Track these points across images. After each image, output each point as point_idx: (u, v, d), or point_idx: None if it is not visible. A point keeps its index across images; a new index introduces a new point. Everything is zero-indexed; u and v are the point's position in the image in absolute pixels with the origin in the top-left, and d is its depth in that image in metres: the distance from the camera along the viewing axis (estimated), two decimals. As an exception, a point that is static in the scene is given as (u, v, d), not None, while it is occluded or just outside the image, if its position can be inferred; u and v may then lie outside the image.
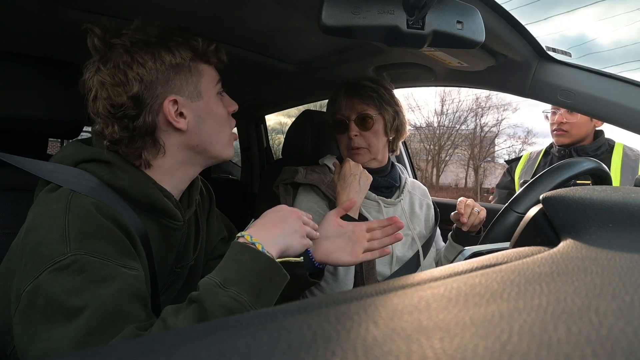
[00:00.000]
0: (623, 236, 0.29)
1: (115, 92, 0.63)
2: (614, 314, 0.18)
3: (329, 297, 0.22)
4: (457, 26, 0.65)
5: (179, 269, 0.75)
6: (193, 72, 0.68)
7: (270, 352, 0.16)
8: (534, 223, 0.37)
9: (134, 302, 0.55)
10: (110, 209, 0.59)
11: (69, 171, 0.63)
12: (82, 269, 0.53)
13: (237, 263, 0.58)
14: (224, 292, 0.55)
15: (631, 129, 0.92)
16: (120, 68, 0.63)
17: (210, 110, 0.71)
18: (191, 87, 0.68)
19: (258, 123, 2.30)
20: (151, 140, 0.67)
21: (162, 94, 0.65)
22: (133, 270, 0.58)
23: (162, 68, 0.65)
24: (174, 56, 0.66)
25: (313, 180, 1.08)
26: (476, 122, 14.33)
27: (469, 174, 14.72)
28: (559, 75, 0.98)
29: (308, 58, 1.33)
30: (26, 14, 0.94)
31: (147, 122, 0.65)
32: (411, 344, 0.16)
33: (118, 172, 0.64)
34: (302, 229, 0.69)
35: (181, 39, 0.67)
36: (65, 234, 0.54)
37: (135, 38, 0.64)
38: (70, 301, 0.51)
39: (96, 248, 0.55)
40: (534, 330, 0.17)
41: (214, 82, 0.72)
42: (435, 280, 0.25)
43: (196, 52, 0.68)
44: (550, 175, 0.80)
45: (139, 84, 0.63)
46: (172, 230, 0.71)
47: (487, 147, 14.60)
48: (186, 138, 0.69)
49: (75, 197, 0.58)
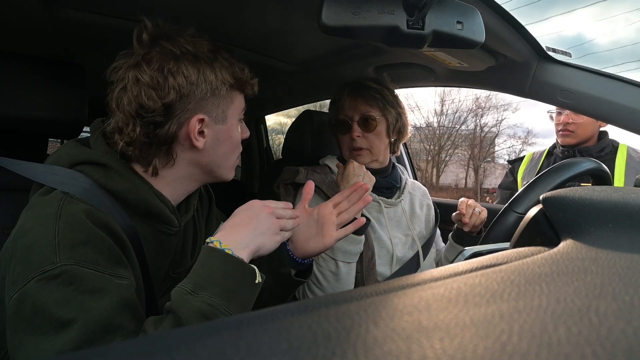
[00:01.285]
0: (623, 236, 0.29)
1: (148, 93, 0.61)
2: (614, 314, 0.18)
3: (329, 297, 0.22)
4: (457, 26, 0.65)
5: (176, 275, 0.75)
6: (226, 98, 0.68)
7: (270, 352, 0.16)
8: (534, 223, 0.37)
9: (124, 314, 0.55)
10: (102, 215, 0.59)
11: (63, 173, 0.62)
12: (71, 280, 0.52)
13: (206, 268, 0.58)
14: (196, 298, 0.55)
15: (631, 129, 0.92)
16: (163, 72, 0.62)
17: (229, 135, 0.71)
18: (219, 111, 0.68)
19: (258, 123, 2.30)
20: (166, 150, 0.66)
21: (193, 110, 0.65)
22: (124, 280, 0.57)
23: (202, 86, 0.64)
24: (216, 78, 0.65)
25: (314, 180, 1.07)
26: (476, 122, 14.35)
27: (469, 174, 14.72)
28: (559, 76, 0.98)
29: (308, 58, 1.33)
30: (26, 14, 0.94)
31: (170, 133, 0.64)
32: (411, 344, 0.16)
33: (114, 176, 0.63)
34: (274, 225, 0.66)
35: (227, 62, 0.67)
36: (55, 242, 0.53)
37: (186, 48, 0.63)
38: (59, 312, 0.50)
39: (86, 258, 0.54)
40: (534, 330, 0.17)
41: (240, 110, 0.73)
42: (435, 280, 0.25)
43: (238, 80, 0.69)
44: (550, 176, 0.80)
45: (176, 94, 0.62)
46: (168, 236, 0.70)
47: (487, 147, 14.60)
48: (198, 156, 0.69)
49: (67, 202, 0.57)
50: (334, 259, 0.99)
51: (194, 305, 0.54)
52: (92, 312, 0.52)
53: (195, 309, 0.54)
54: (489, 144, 14.57)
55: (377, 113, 1.08)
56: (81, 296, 0.52)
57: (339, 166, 1.07)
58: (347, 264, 0.99)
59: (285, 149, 1.43)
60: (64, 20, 0.95)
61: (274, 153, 2.45)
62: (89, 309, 0.52)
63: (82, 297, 0.52)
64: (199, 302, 0.54)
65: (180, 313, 0.54)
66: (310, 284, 1.02)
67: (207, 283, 0.56)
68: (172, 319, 0.54)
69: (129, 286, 0.58)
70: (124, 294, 0.56)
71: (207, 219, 0.88)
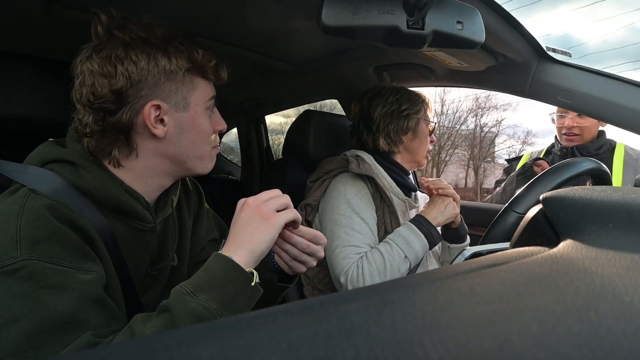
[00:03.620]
0: (623, 236, 0.29)
1: (100, 82, 0.61)
2: (613, 314, 0.18)
3: (329, 297, 0.22)
4: (457, 26, 0.65)
5: (155, 271, 0.74)
6: (186, 83, 0.66)
7: (270, 352, 0.16)
8: (534, 223, 0.37)
9: (89, 309, 0.54)
10: (66, 211, 0.58)
11: (34, 171, 0.62)
12: (30, 274, 0.52)
13: (208, 272, 0.58)
14: (193, 299, 0.55)
15: (631, 129, 0.92)
16: (111, 60, 0.61)
17: (194, 123, 0.68)
18: (179, 97, 0.66)
19: (258, 123, 2.30)
20: (124, 139, 0.65)
21: (146, 97, 0.64)
22: (91, 273, 0.57)
23: (154, 71, 0.63)
24: (170, 62, 0.64)
25: (367, 170, 1.09)
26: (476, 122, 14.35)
27: (469, 174, 14.72)
28: (559, 76, 0.98)
29: (308, 58, 1.33)
30: (26, 14, 0.94)
31: (123, 120, 0.63)
32: (412, 344, 0.16)
33: (83, 173, 0.63)
34: (274, 229, 0.61)
35: (183, 47, 0.65)
36: (17, 237, 0.53)
37: (136, 35, 0.63)
38: (13, 306, 0.50)
39: (49, 253, 0.54)
40: (534, 330, 0.17)
41: (206, 97, 0.70)
42: (435, 280, 0.25)
43: (194, 64, 0.66)
44: (550, 176, 0.80)
45: (126, 81, 0.62)
46: (143, 232, 0.69)
47: (487, 147, 14.60)
48: (162, 146, 0.67)
49: (30, 199, 0.57)
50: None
51: (190, 305, 0.54)
52: (48, 307, 0.51)
53: (190, 310, 0.54)
54: (489, 143, 14.56)
55: None
56: (39, 291, 0.52)
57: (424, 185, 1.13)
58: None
59: (285, 149, 1.43)
60: (64, 20, 0.95)
61: (274, 153, 2.45)
62: (46, 305, 0.51)
63: (40, 292, 0.52)
64: (195, 304, 0.54)
65: (175, 311, 0.54)
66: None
67: (206, 286, 0.56)
68: (165, 316, 0.54)
69: (95, 280, 0.57)
70: (88, 288, 0.55)
71: (196, 217, 0.86)
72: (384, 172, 1.14)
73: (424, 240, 1.01)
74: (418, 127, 1.15)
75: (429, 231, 1.02)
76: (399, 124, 1.13)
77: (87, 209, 0.61)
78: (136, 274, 0.70)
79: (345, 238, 1.03)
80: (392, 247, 1.00)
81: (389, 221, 1.08)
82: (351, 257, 1.01)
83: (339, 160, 1.13)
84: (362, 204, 1.06)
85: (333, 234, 1.05)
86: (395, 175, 1.15)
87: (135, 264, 0.69)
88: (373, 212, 1.08)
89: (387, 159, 1.16)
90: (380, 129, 1.14)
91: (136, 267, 0.70)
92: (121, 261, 0.65)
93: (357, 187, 1.08)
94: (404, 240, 1.00)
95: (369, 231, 1.05)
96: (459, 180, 14.93)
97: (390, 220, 1.08)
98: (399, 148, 1.16)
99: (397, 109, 1.13)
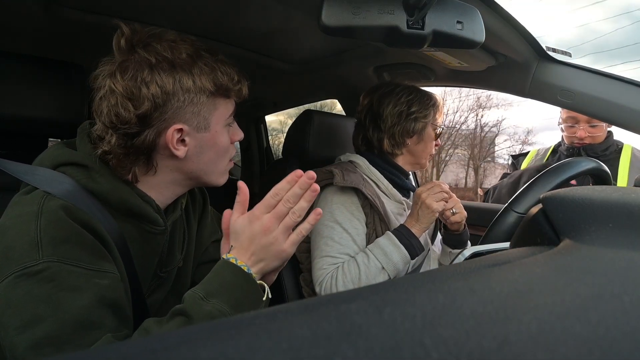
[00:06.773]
0: (623, 236, 0.29)
1: (124, 104, 0.60)
2: (614, 314, 0.18)
3: (329, 297, 0.22)
4: (457, 26, 0.65)
5: (164, 274, 0.74)
6: (208, 105, 0.66)
7: (270, 352, 0.16)
8: (534, 223, 0.37)
9: (104, 312, 0.55)
10: (82, 213, 0.58)
11: (47, 174, 0.62)
12: (52, 276, 0.52)
13: (219, 277, 0.59)
14: (207, 303, 0.56)
15: (631, 129, 0.92)
16: (136, 82, 0.60)
17: (214, 142, 0.68)
18: (201, 118, 0.66)
19: (258, 123, 2.30)
20: (145, 159, 0.65)
21: (170, 120, 0.63)
22: (108, 274, 0.58)
23: (178, 94, 0.62)
24: (195, 85, 0.63)
25: (353, 182, 1.05)
26: (476, 122, 14.34)
27: (469, 174, 14.71)
28: (559, 75, 0.98)
29: (308, 58, 1.33)
30: (26, 14, 0.94)
31: (147, 142, 0.63)
32: (412, 344, 0.16)
33: (96, 177, 0.63)
34: (281, 243, 0.61)
35: (208, 68, 0.64)
36: (37, 239, 0.53)
37: (162, 56, 0.62)
38: (36, 308, 0.51)
39: (69, 254, 0.54)
40: (534, 330, 0.17)
41: (227, 115, 0.70)
42: (435, 280, 0.25)
43: (219, 87, 0.66)
44: (550, 175, 0.80)
45: (151, 105, 0.61)
46: (154, 235, 0.70)
47: (487, 147, 14.59)
48: (181, 164, 0.67)
49: (48, 200, 0.57)
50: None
51: (206, 309, 0.56)
52: (69, 308, 0.52)
53: (206, 313, 0.55)
54: (489, 143, 14.55)
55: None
56: (60, 293, 0.52)
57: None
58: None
59: (286, 149, 1.43)
60: (64, 20, 0.95)
61: (274, 153, 2.45)
62: (68, 306, 0.52)
63: (61, 294, 0.52)
64: (210, 307, 0.56)
65: (193, 314, 0.55)
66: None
67: (217, 291, 0.58)
68: (182, 320, 0.56)
69: (112, 283, 0.58)
70: (105, 291, 0.56)
71: (200, 219, 0.87)
72: (379, 175, 1.12)
73: (403, 251, 0.98)
74: (424, 131, 1.12)
75: (409, 242, 0.99)
76: (405, 127, 1.10)
77: (98, 211, 0.62)
78: (144, 277, 0.70)
79: (323, 249, 1.03)
80: (369, 258, 0.98)
81: (380, 229, 1.06)
82: (326, 267, 1.01)
83: (325, 172, 1.09)
84: (348, 214, 1.05)
85: (314, 244, 1.06)
86: (392, 177, 1.13)
87: (144, 267, 0.70)
88: (361, 222, 1.05)
89: (387, 160, 1.14)
90: (387, 129, 1.11)
91: (145, 269, 0.70)
92: (131, 263, 0.65)
93: (343, 198, 1.06)
94: (381, 252, 0.98)
95: (350, 241, 1.03)
96: (459, 180, 14.92)
97: (381, 228, 1.06)
98: (402, 150, 1.13)
99: (406, 111, 1.10)
